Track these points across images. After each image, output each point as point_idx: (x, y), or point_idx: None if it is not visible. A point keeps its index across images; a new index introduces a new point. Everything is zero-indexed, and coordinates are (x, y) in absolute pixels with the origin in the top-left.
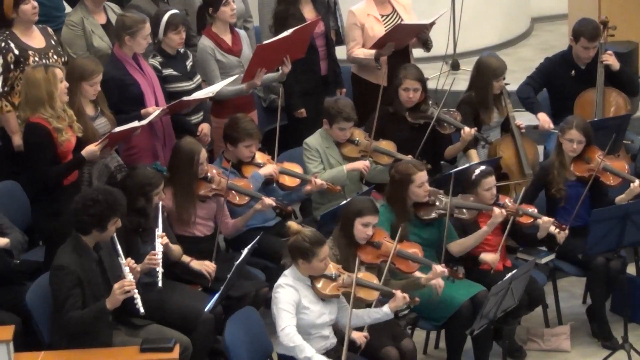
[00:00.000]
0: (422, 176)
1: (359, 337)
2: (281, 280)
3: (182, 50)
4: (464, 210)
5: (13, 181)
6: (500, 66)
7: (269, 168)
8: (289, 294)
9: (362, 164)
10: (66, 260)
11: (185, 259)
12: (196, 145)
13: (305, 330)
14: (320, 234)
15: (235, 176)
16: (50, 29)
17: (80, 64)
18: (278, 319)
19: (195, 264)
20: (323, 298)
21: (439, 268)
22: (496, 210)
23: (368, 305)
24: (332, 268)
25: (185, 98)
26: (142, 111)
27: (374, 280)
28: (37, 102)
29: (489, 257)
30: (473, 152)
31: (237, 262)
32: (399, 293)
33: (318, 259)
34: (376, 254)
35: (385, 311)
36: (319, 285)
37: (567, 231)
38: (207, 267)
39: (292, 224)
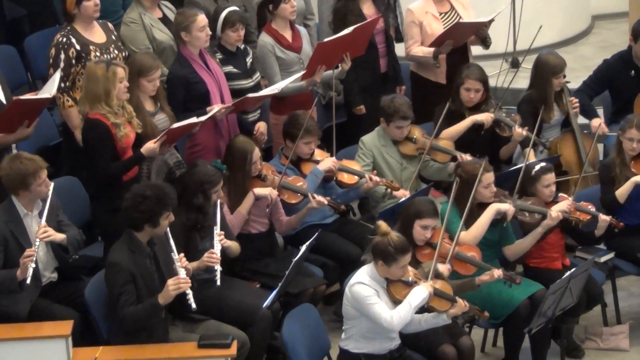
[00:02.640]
0: (489, 177)
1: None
2: (358, 277)
3: (242, 47)
4: (526, 214)
5: (73, 177)
6: (559, 63)
7: (328, 162)
8: (369, 289)
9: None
10: (119, 256)
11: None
12: (249, 144)
13: (375, 330)
14: (407, 242)
15: (293, 173)
16: (110, 24)
17: (138, 60)
18: (374, 311)
19: (258, 190)
20: (396, 302)
21: (497, 272)
22: (552, 213)
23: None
24: (410, 274)
25: (250, 95)
26: (208, 109)
27: (449, 290)
28: (94, 98)
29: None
30: (531, 153)
31: (295, 258)
32: (460, 301)
33: (398, 266)
34: (434, 255)
35: (443, 317)
36: (395, 289)
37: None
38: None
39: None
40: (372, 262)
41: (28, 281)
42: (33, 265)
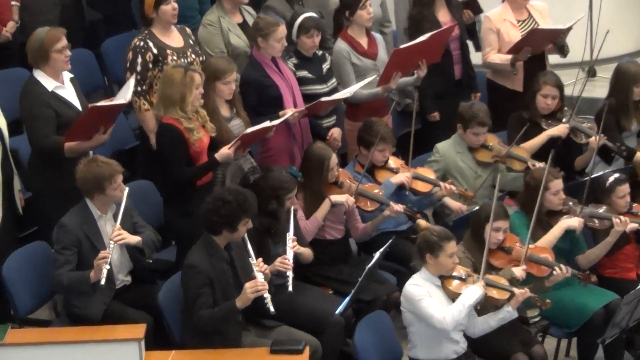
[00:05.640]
0: (557, 184)
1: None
2: (410, 281)
3: (319, 53)
4: (596, 220)
5: (147, 180)
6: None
7: (402, 176)
8: (420, 289)
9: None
10: (197, 259)
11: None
12: (326, 150)
13: (434, 333)
14: (449, 231)
15: (367, 180)
16: (188, 29)
17: (213, 63)
18: (427, 311)
19: (335, 197)
20: (454, 299)
21: (564, 269)
22: (615, 219)
23: (498, 307)
24: (462, 270)
25: (324, 99)
26: (280, 113)
27: (503, 281)
28: (169, 102)
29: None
30: None
31: (369, 265)
32: (517, 290)
33: (446, 254)
34: (507, 259)
35: (507, 309)
36: (450, 285)
37: None
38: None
39: (421, 222)
40: (422, 266)
41: (102, 282)
42: (107, 267)
